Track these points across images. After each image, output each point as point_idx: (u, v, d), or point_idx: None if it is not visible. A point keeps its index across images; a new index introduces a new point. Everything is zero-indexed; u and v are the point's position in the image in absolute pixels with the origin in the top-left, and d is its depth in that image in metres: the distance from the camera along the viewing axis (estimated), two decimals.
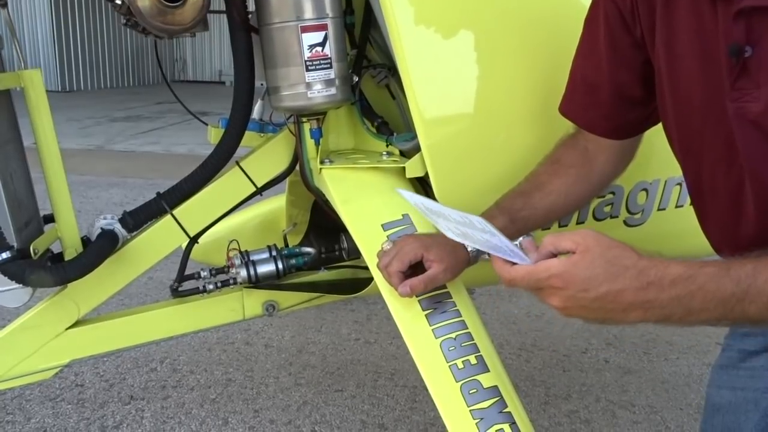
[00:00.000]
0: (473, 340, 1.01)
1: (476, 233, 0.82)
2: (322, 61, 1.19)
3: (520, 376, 1.92)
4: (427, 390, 0.96)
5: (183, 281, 1.44)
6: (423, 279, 0.97)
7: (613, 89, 0.99)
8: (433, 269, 0.97)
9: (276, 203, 2.09)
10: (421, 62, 1.17)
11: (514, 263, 0.78)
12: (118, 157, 5.03)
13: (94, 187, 3.90)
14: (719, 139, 0.85)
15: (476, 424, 0.92)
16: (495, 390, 0.96)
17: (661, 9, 0.87)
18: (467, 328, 1.02)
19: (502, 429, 0.91)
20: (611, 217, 1.37)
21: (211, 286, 1.41)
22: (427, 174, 1.22)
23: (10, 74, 1.22)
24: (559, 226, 1.32)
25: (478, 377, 0.97)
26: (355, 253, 1.50)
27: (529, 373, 1.94)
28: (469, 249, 1.01)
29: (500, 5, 1.20)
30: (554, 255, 0.77)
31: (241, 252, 1.44)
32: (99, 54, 9.94)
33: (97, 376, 1.85)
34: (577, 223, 1.34)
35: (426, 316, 1.03)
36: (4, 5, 1.28)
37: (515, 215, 1.04)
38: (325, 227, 1.64)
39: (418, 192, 1.27)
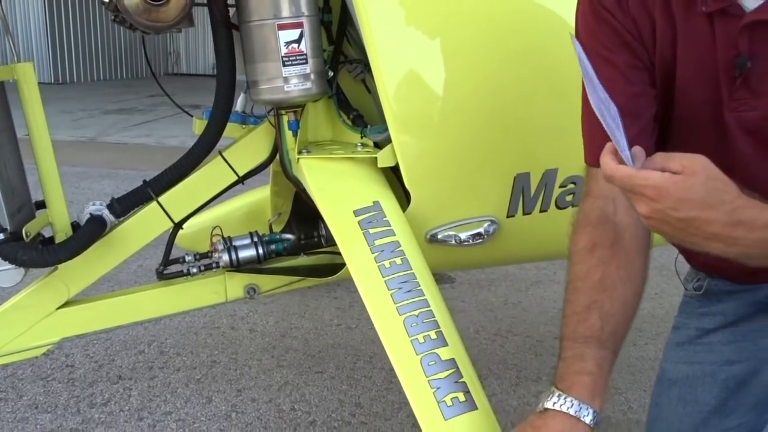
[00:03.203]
0: (434, 317, 1.08)
1: (608, 117, 0.77)
2: (298, 57, 1.26)
3: (494, 359, 2.00)
4: None
5: (168, 265, 1.52)
6: None
7: (646, 117, 0.92)
8: None
9: (261, 194, 2.17)
10: (391, 60, 1.25)
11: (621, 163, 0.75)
12: (111, 148, 5.09)
13: (86, 178, 3.96)
14: (715, 147, 0.87)
15: (433, 393, 1.00)
16: (452, 362, 1.03)
17: (661, 30, 0.88)
18: (429, 307, 1.10)
19: (456, 397, 0.99)
20: (573, 206, 1.45)
21: (195, 270, 1.49)
22: (397, 163, 1.29)
23: (4, 67, 1.29)
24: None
25: (437, 350, 1.04)
26: (332, 239, 1.58)
27: (502, 357, 2.02)
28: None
29: (465, 8, 1.28)
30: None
31: (223, 237, 1.52)
32: (92, 46, 9.96)
33: (87, 357, 1.93)
34: (540, 211, 1.42)
35: (391, 295, 1.11)
36: None
37: (602, 337, 0.87)
38: (305, 215, 1.71)
39: (389, 181, 1.36)
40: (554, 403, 0.84)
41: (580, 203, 0.98)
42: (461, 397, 1.00)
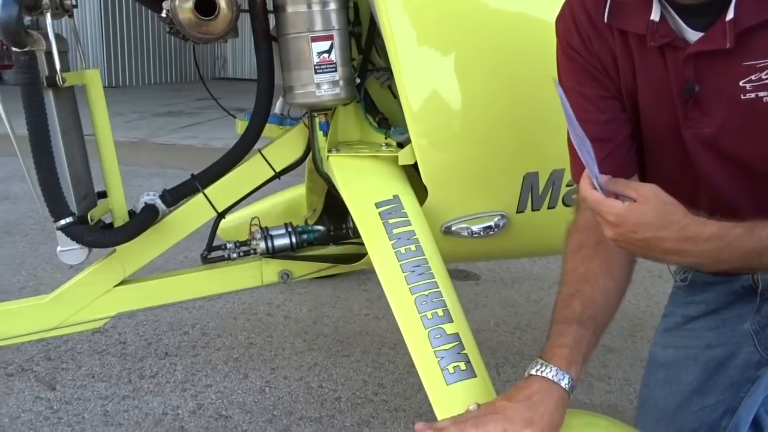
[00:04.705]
0: (442, 297, 1.22)
1: (584, 150, 0.90)
2: (328, 66, 1.42)
3: (511, 350, 2.12)
4: None
5: (211, 251, 1.69)
6: None
7: (619, 138, 1.05)
8: None
9: (297, 191, 2.34)
10: (412, 70, 1.39)
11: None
12: (160, 149, 5.35)
13: (137, 176, 4.21)
14: (680, 162, 1.02)
15: (438, 362, 1.14)
16: (456, 336, 1.17)
17: (622, 65, 1.02)
18: (438, 288, 1.23)
19: (458, 366, 1.13)
20: None
21: (235, 255, 1.66)
22: (416, 161, 1.44)
23: (74, 73, 1.48)
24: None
25: (443, 326, 1.18)
26: (358, 231, 1.73)
27: (519, 348, 2.14)
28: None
29: (480, 23, 1.42)
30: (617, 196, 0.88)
31: (261, 227, 1.69)
32: (144, 52, 10.36)
33: (138, 335, 2.12)
34: (548, 208, 1.54)
35: (405, 277, 1.25)
36: (71, 15, 1.55)
37: (581, 319, 0.99)
38: (336, 210, 1.87)
39: (409, 177, 1.50)
40: (536, 369, 0.96)
41: (573, 213, 1.12)
42: (462, 366, 1.13)
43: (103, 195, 1.63)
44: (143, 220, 1.52)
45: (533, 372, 0.97)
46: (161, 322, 2.21)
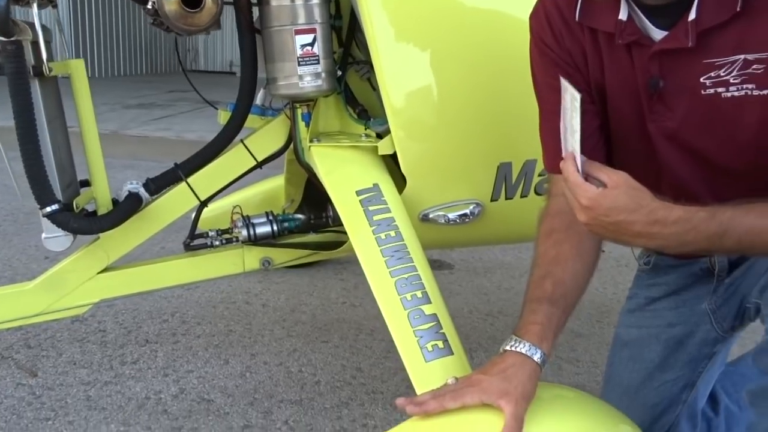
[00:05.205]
0: (421, 280, 1.28)
1: (570, 138, 0.98)
2: (311, 58, 1.47)
3: (484, 335, 2.20)
4: None
5: (194, 239, 1.72)
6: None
7: (588, 130, 1.06)
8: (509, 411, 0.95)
9: (276, 182, 2.38)
10: (392, 64, 1.44)
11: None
12: (132, 141, 5.31)
13: (110, 168, 4.10)
14: (645, 153, 1.09)
15: (417, 341, 1.19)
16: (434, 317, 1.23)
17: (591, 60, 1.09)
18: (417, 272, 1.29)
19: (436, 344, 1.19)
20: None
21: (217, 243, 1.70)
22: (395, 151, 1.49)
23: (59, 63, 1.50)
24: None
25: (421, 307, 1.24)
26: (338, 220, 1.78)
27: (491, 333, 2.22)
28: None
29: (458, 20, 1.47)
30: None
31: (243, 215, 1.73)
32: (114, 43, 10.22)
33: (117, 323, 2.15)
34: (521, 197, 1.61)
35: (385, 261, 1.30)
36: (55, 6, 1.57)
37: (552, 298, 1.05)
38: (315, 199, 1.92)
39: (388, 167, 1.56)
40: (510, 345, 1.03)
41: (545, 201, 1.18)
42: (440, 344, 1.19)
43: (85, 184, 1.65)
44: (128, 207, 1.55)
45: (507, 348, 1.04)
46: (140, 310, 2.24)
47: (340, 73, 1.58)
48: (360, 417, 1.69)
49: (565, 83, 0.98)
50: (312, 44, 1.46)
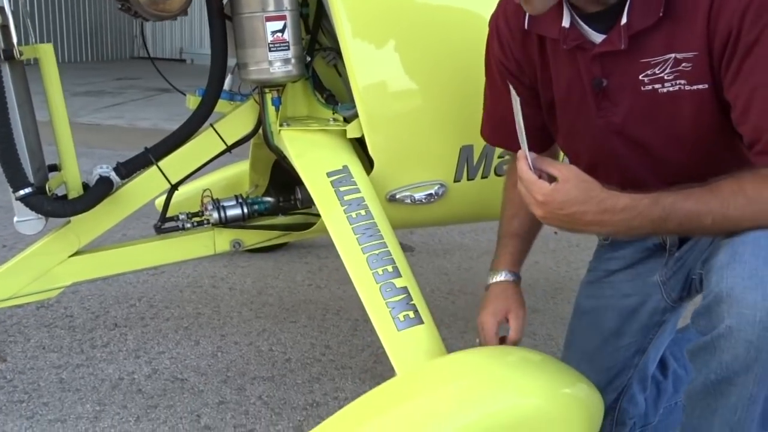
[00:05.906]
0: (391, 256, 1.35)
1: (519, 137, 1.08)
2: (281, 44, 1.52)
3: (446, 313, 2.28)
4: (365, 322, 1.27)
5: (165, 222, 1.75)
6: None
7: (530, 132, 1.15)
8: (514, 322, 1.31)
9: (240, 167, 2.42)
10: (359, 51, 1.50)
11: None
12: (84, 129, 5.20)
13: None
14: (596, 147, 1.20)
15: (389, 312, 1.27)
16: (404, 289, 1.30)
17: (539, 63, 1.21)
18: (387, 248, 1.36)
19: (407, 314, 1.27)
20: None
21: (188, 225, 1.73)
22: (363, 135, 1.55)
23: (28, 47, 1.51)
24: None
25: (393, 280, 1.31)
26: (307, 202, 1.84)
27: (453, 311, 2.31)
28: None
29: (422, 8, 1.54)
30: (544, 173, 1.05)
31: (213, 199, 1.76)
32: (57, 29, 9.92)
33: (84, 309, 2.15)
34: (482, 177, 1.70)
35: (357, 239, 1.37)
36: None
37: (522, 235, 1.35)
38: (282, 182, 1.97)
39: (356, 150, 1.62)
40: (492, 279, 1.34)
41: (509, 162, 1.37)
42: (411, 314, 1.27)
43: (53, 168, 1.66)
44: (100, 191, 1.57)
45: (491, 282, 1.35)
46: (106, 296, 2.25)
47: (308, 59, 1.63)
48: (331, 390, 1.76)
49: (511, 89, 1.11)
50: (282, 31, 1.51)
